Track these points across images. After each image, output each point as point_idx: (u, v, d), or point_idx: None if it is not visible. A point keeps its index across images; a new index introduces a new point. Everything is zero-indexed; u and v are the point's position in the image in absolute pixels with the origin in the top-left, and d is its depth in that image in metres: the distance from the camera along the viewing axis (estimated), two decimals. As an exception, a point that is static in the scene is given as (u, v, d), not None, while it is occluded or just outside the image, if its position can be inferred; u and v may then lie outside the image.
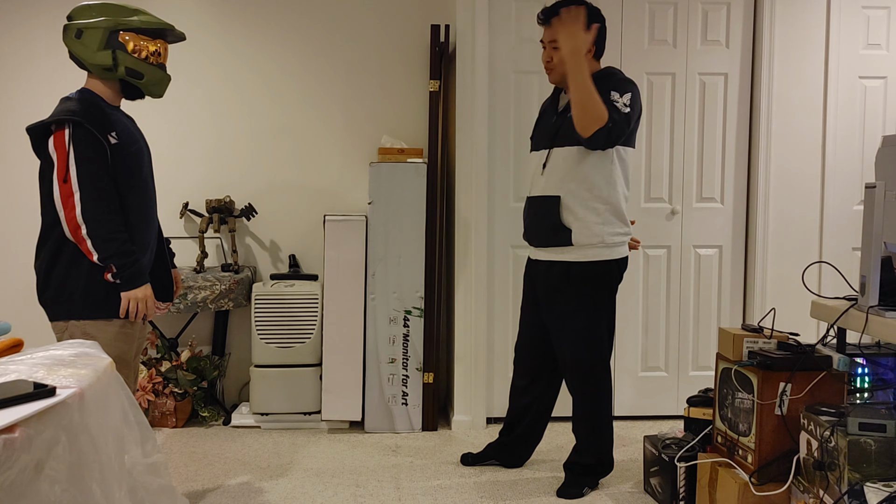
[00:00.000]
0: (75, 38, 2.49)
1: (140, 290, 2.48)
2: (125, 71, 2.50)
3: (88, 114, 2.44)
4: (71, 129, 2.40)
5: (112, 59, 2.48)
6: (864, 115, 3.82)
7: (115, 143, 2.47)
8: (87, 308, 2.47)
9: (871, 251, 2.34)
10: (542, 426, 3.18)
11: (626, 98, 2.77)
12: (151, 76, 2.55)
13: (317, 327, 3.69)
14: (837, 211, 3.83)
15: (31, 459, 1.40)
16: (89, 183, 2.40)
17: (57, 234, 2.45)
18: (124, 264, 2.44)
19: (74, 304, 2.47)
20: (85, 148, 2.40)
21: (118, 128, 2.51)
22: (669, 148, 3.81)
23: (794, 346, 2.50)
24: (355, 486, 3.02)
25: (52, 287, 2.48)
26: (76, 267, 2.45)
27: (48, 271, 2.48)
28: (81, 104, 2.47)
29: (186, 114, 4.00)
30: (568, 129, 2.84)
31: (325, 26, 4.01)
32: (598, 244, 2.84)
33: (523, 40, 3.74)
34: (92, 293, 2.46)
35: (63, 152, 2.39)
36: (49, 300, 2.50)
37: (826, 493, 2.23)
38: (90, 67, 2.52)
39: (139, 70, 2.52)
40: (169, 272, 2.81)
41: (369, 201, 3.67)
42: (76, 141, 2.40)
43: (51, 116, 2.44)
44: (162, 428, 3.70)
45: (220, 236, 4.02)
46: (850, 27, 3.77)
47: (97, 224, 2.40)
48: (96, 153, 2.42)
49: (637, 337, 3.86)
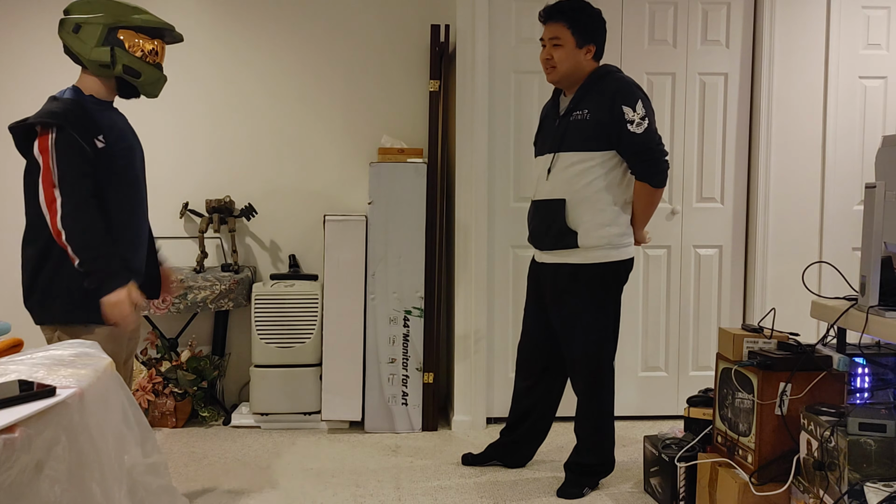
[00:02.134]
0: (72, 33, 2.46)
1: (115, 295, 2.40)
2: (123, 69, 2.47)
3: (73, 117, 2.40)
4: (55, 134, 2.36)
5: (110, 55, 2.45)
6: (864, 115, 3.82)
7: (101, 147, 2.44)
8: (72, 312, 2.44)
9: (871, 251, 2.34)
10: (546, 427, 3.18)
11: (640, 108, 2.78)
12: (149, 75, 2.52)
13: (317, 327, 3.69)
14: (837, 211, 3.83)
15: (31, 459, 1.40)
16: (70, 189, 2.37)
17: (43, 237, 2.43)
18: (97, 270, 2.39)
19: (57, 309, 2.44)
20: (68, 154, 2.36)
21: (105, 129, 2.47)
22: (669, 148, 3.81)
23: (794, 346, 2.50)
24: (355, 486, 3.02)
25: (38, 291, 2.46)
26: (62, 270, 2.42)
27: (34, 274, 2.45)
28: (66, 106, 2.43)
29: (187, 114, 3.99)
30: (573, 133, 2.84)
31: (326, 26, 4.01)
32: (604, 245, 2.84)
33: (523, 40, 3.74)
34: (77, 298, 2.42)
35: (47, 156, 2.36)
36: (35, 304, 2.48)
37: (826, 493, 2.23)
38: (87, 63, 2.48)
39: (137, 68, 2.49)
40: (157, 268, 2.77)
41: (369, 201, 3.67)
42: (59, 146, 2.36)
43: (34, 116, 2.39)
44: (162, 428, 3.70)
45: (220, 236, 4.02)
46: (850, 27, 3.77)
47: (76, 231, 2.37)
48: (79, 159, 2.38)
49: (637, 337, 3.87)
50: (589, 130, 2.81)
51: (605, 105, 2.78)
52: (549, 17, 2.89)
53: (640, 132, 2.77)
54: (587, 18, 2.85)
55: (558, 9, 2.86)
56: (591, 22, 2.86)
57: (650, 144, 2.79)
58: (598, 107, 2.80)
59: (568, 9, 2.85)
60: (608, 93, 2.79)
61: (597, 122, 2.80)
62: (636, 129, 2.77)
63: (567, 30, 2.84)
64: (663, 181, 2.84)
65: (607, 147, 2.82)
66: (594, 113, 2.80)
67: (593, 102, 2.81)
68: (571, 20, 2.84)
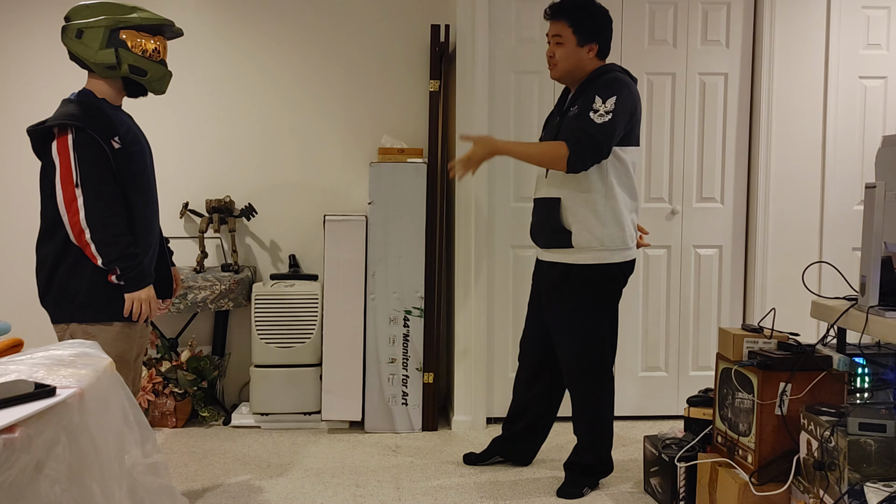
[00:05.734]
0: (76, 39, 2.49)
1: (144, 292, 2.50)
2: (129, 69, 2.50)
3: (91, 118, 2.44)
4: (74, 135, 2.40)
5: (115, 57, 2.47)
6: (864, 115, 3.82)
7: (118, 148, 2.48)
8: (90, 310, 2.48)
9: (871, 251, 2.34)
10: (546, 424, 3.18)
11: (610, 103, 2.72)
12: (154, 72, 2.55)
13: (317, 327, 3.69)
14: (837, 211, 3.83)
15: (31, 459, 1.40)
16: (92, 188, 2.40)
17: (60, 236, 2.45)
18: (128, 266, 2.45)
19: (77, 307, 2.48)
20: (88, 153, 2.41)
21: (122, 130, 2.51)
22: (669, 148, 3.81)
23: (794, 346, 2.50)
24: (355, 486, 3.02)
25: (54, 289, 2.49)
26: (79, 270, 2.46)
27: (51, 274, 2.48)
28: (83, 108, 2.46)
29: (186, 114, 4.00)
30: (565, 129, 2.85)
31: (326, 26, 4.01)
32: (597, 247, 2.83)
33: (523, 40, 3.74)
34: (94, 296, 2.47)
35: (66, 157, 2.40)
36: (52, 302, 2.51)
37: (826, 493, 2.23)
38: (93, 67, 2.51)
39: (142, 67, 2.52)
40: (169, 270, 2.82)
41: (369, 201, 3.67)
42: (79, 146, 2.40)
43: (52, 119, 2.44)
44: (162, 428, 3.70)
45: (220, 236, 4.02)
46: (850, 27, 3.77)
47: (101, 228, 2.41)
48: (99, 158, 2.42)
49: (637, 337, 3.87)
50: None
51: (589, 99, 2.77)
52: (552, 15, 2.90)
53: (598, 121, 2.70)
54: (589, 17, 2.85)
55: (561, 7, 2.88)
56: (593, 20, 2.86)
57: (598, 135, 2.69)
58: (584, 102, 2.79)
59: (570, 7, 2.86)
60: (595, 87, 2.79)
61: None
62: (596, 117, 2.71)
63: (568, 28, 2.85)
64: (575, 166, 2.71)
65: None
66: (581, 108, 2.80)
67: (583, 98, 2.81)
68: (573, 18, 2.84)
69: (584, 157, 2.72)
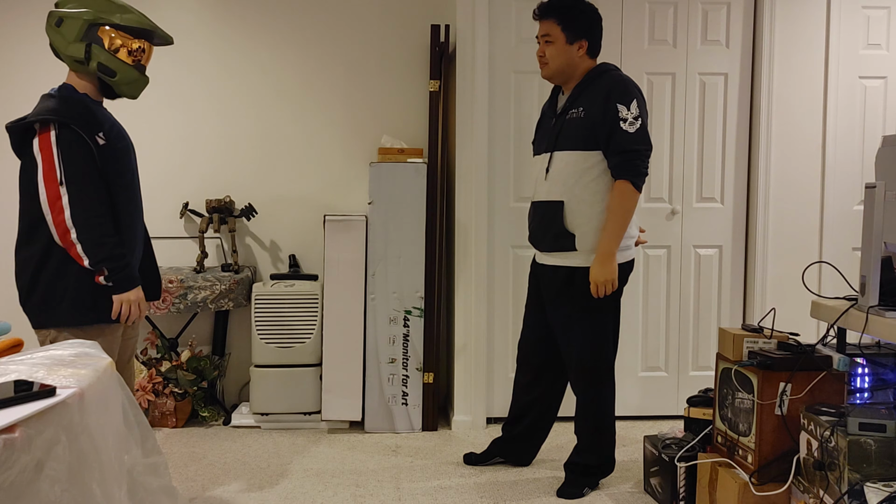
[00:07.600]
0: (55, 27, 2.41)
1: (132, 293, 2.43)
2: (97, 66, 2.41)
3: (74, 113, 2.36)
4: (57, 131, 2.31)
5: (85, 52, 2.39)
6: (864, 115, 3.82)
7: (103, 144, 2.40)
8: (75, 315, 2.39)
9: (871, 251, 2.34)
10: (547, 425, 3.17)
11: (634, 108, 2.76)
12: (125, 75, 2.45)
13: (317, 327, 3.69)
14: (837, 211, 3.83)
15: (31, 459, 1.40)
16: (77, 186, 2.32)
17: (43, 238, 2.36)
18: (116, 267, 2.38)
19: (62, 312, 2.38)
20: (72, 150, 2.32)
21: (106, 126, 2.44)
22: (669, 148, 3.81)
23: (794, 346, 2.50)
24: (355, 487, 3.02)
25: (38, 293, 2.39)
26: (64, 272, 2.37)
27: (34, 277, 2.38)
28: (66, 103, 2.38)
29: (187, 114, 3.99)
30: (569, 132, 2.84)
31: (326, 26, 4.01)
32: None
33: (523, 40, 3.74)
34: (80, 299, 2.38)
35: (49, 154, 2.31)
36: (35, 307, 2.41)
37: (826, 493, 2.23)
38: (64, 59, 2.43)
39: (112, 67, 2.43)
40: (156, 269, 2.75)
41: (369, 201, 3.67)
42: (62, 142, 2.31)
43: (32, 115, 2.34)
44: (162, 428, 3.70)
45: (220, 236, 4.02)
46: (850, 27, 3.77)
47: (87, 228, 2.33)
48: (84, 155, 2.34)
49: (637, 337, 3.87)
50: (584, 129, 2.80)
51: (599, 103, 2.77)
52: (541, 15, 2.90)
53: (632, 131, 2.75)
54: (577, 14, 2.85)
55: (549, 6, 2.88)
56: (581, 17, 2.86)
57: (639, 145, 2.76)
58: (593, 105, 2.79)
59: (558, 5, 2.86)
60: (604, 90, 2.79)
61: (592, 120, 2.79)
62: (629, 127, 2.75)
63: (557, 26, 2.85)
64: (642, 184, 2.79)
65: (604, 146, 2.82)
66: (589, 111, 2.80)
67: (588, 100, 2.81)
68: (560, 16, 2.85)
69: (641, 173, 2.77)
